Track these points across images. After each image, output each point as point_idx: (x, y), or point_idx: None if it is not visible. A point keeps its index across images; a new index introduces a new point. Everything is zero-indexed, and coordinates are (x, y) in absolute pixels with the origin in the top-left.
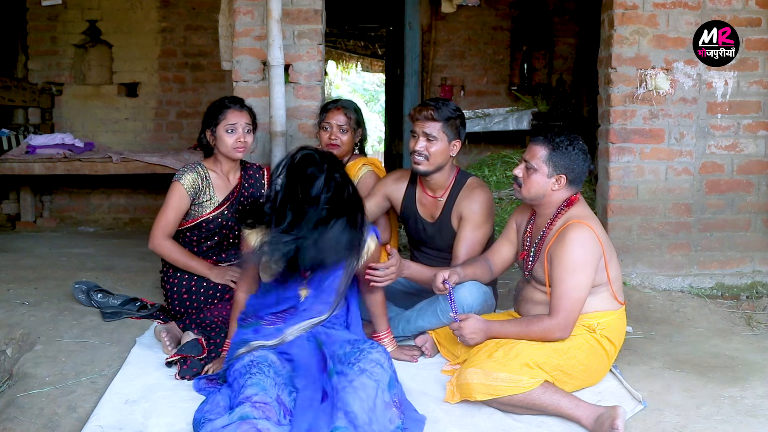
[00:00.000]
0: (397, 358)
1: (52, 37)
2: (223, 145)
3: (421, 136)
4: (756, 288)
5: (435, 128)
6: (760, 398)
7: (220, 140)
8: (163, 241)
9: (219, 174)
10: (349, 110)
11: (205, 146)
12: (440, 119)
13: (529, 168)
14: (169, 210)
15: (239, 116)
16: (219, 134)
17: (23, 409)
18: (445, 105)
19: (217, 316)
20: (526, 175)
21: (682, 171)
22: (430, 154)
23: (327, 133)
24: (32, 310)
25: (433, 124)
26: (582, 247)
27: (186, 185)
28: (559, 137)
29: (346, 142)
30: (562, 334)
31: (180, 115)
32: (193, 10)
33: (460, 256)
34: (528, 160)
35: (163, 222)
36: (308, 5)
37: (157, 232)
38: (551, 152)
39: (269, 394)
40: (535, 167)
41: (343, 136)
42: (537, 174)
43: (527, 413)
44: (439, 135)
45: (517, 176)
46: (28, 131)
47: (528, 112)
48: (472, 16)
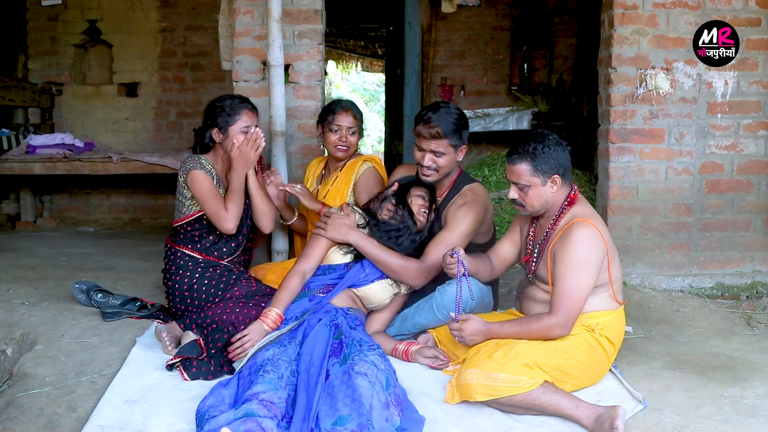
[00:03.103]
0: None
1: (52, 37)
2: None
3: (428, 153)
4: (756, 288)
5: (442, 144)
6: (760, 398)
7: (232, 139)
8: (235, 217)
9: (220, 169)
10: (356, 111)
11: (205, 144)
12: (447, 135)
13: (522, 187)
14: (210, 198)
15: (254, 118)
16: (232, 134)
17: (23, 409)
18: (447, 115)
19: (219, 315)
20: (523, 194)
21: (682, 171)
22: (440, 167)
23: (336, 136)
24: (32, 310)
25: (439, 141)
26: (586, 245)
27: (203, 170)
28: (531, 145)
29: (354, 144)
30: (562, 332)
31: (180, 115)
32: (193, 10)
33: (429, 254)
34: (516, 182)
35: (216, 209)
36: (308, 5)
37: (224, 215)
38: (533, 163)
39: (278, 394)
40: (527, 184)
41: (351, 138)
42: (532, 189)
43: (527, 413)
44: (446, 150)
45: (514, 199)
46: (28, 131)
47: (528, 112)
48: (472, 16)
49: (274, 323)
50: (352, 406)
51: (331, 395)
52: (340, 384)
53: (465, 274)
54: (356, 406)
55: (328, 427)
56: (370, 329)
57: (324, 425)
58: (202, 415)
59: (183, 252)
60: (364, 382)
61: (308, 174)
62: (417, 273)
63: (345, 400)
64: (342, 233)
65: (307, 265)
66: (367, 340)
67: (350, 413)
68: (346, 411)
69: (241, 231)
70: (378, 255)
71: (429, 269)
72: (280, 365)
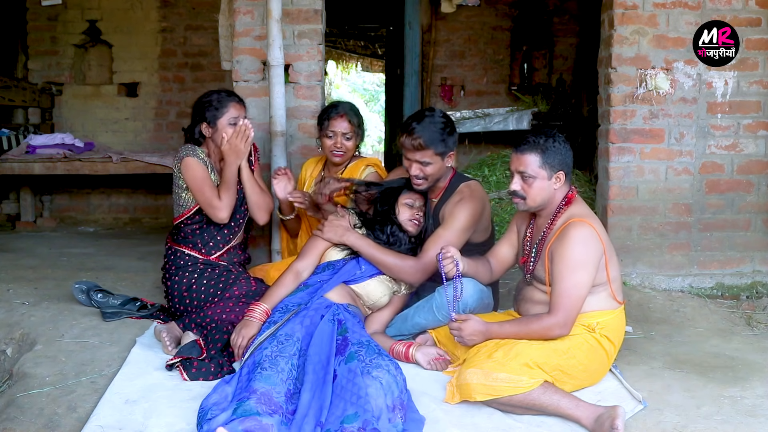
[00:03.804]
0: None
1: (52, 37)
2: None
3: (414, 163)
4: (756, 288)
5: (427, 155)
6: (760, 398)
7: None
8: (228, 206)
9: (213, 161)
10: (352, 115)
11: (195, 140)
12: (430, 145)
13: (527, 178)
14: (204, 187)
15: (241, 110)
16: (221, 127)
17: (23, 409)
18: (432, 124)
19: (219, 315)
20: (526, 185)
21: (682, 171)
22: (428, 175)
23: (331, 141)
24: (32, 310)
25: (423, 152)
26: (583, 245)
27: (197, 158)
28: (542, 138)
29: (350, 149)
30: (562, 332)
31: (180, 115)
32: (193, 10)
33: (426, 251)
34: (523, 171)
35: (209, 197)
36: (308, 5)
37: (217, 204)
38: (543, 155)
39: (277, 389)
40: (533, 175)
41: (347, 143)
42: (537, 181)
43: (527, 413)
44: (432, 159)
45: (516, 191)
46: (28, 131)
47: (528, 112)
48: (472, 16)
49: (260, 317)
50: (358, 403)
51: (340, 396)
52: (347, 383)
53: (458, 274)
54: (362, 404)
55: (336, 427)
56: (370, 329)
57: (333, 426)
58: (204, 412)
59: (183, 252)
60: (376, 385)
61: (304, 174)
62: (414, 270)
63: (351, 398)
64: (338, 234)
65: (301, 264)
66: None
67: (356, 411)
68: (352, 410)
69: (235, 217)
70: (374, 255)
71: (426, 266)
72: (278, 361)
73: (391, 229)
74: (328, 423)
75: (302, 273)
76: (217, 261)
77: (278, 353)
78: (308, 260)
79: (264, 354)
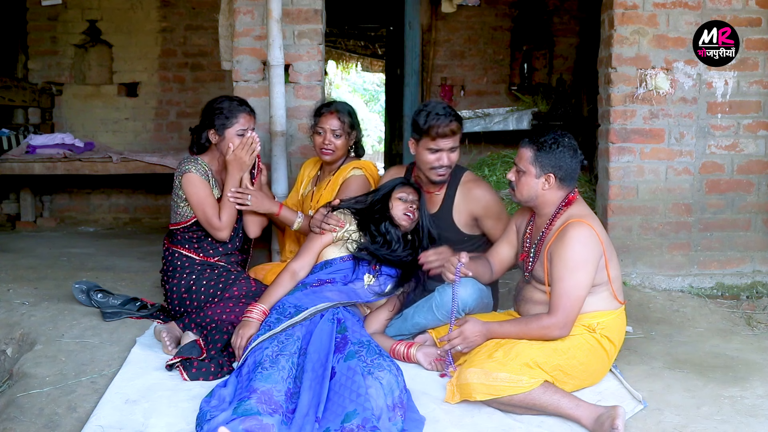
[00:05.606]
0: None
1: (52, 37)
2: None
3: (445, 153)
4: (756, 288)
5: (457, 140)
6: (760, 398)
7: (228, 143)
8: (228, 226)
9: (216, 170)
10: (343, 114)
11: (201, 144)
12: (462, 128)
13: (519, 171)
14: (204, 206)
15: (251, 121)
16: (229, 137)
17: (23, 409)
18: (451, 108)
19: (219, 315)
20: (518, 178)
21: (682, 171)
22: (453, 162)
23: (320, 138)
24: (32, 310)
25: (457, 136)
26: (582, 245)
27: (199, 173)
28: (545, 137)
29: (339, 147)
30: (561, 333)
31: (180, 115)
32: (193, 10)
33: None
34: (517, 164)
35: (209, 217)
36: (308, 5)
37: (217, 225)
38: (536, 153)
39: (277, 388)
40: (523, 170)
41: (336, 141)
42: (525, 176)
43: (527, 413)
44: (458, 144)
45: (511, 180)
46: (28, 131)
47: (528, 112)
48: (472, 16)
49: (259, 317)
50: (357, 401)
51: (339, 394)
52: (346, 380)
53: (457, 281)
54: (361, 401)
55: (336, 426)
56: (369, 329)
57: (333, 425)
58: (204, 414)
59: (181, 253)
60: (377, 385)
61: (303, 174)
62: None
63: (351, 396)
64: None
65: (298, 263)
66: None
67: (355, 408)
68: (351, 407)
69: (237, 232)
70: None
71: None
72: (278, 360)
73: (386, 226)
74: (327, 420)
75: (299, 272)
76: (215, 262)
77: (279, 352)
78: (305, 259)
79: (265, 354)
